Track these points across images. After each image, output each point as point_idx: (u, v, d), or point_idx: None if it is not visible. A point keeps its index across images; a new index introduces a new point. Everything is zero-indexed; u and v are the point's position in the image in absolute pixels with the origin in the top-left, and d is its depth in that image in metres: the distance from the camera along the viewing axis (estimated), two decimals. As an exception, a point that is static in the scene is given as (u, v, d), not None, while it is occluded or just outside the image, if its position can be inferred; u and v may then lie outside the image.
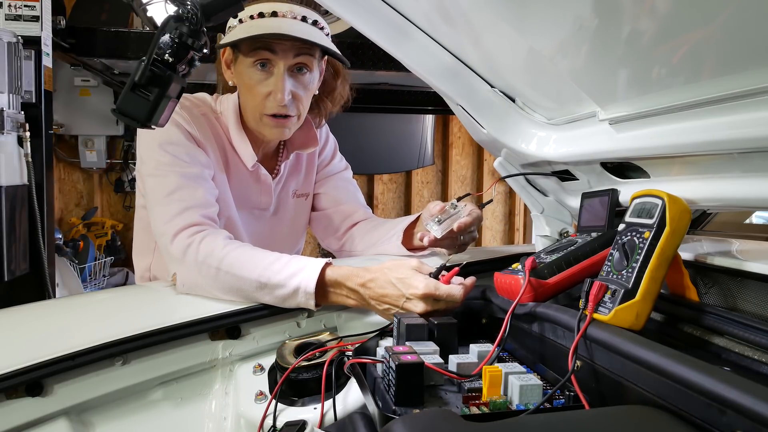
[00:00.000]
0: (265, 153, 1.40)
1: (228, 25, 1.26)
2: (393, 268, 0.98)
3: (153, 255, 1.40)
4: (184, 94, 1.28)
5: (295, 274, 1.01)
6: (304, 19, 1.21)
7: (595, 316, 0.70)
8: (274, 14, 1.19)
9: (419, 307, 0.93)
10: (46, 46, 2.39)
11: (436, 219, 1.03)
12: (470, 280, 0.97)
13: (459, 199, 1.06)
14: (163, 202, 1.15)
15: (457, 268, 0.97)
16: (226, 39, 1.24)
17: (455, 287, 0.94)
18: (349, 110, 1.49)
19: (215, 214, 1.19)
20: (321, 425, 0.83)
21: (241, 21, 1.21)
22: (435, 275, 0.96)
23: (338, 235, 1.51)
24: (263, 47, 1.19)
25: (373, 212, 1.53)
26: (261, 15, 1.19)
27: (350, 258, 1.40)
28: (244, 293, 1.04)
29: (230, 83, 1.31)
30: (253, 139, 1.33)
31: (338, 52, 1.25)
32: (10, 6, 2.28)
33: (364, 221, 1.48)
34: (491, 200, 1.12)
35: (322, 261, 1.03)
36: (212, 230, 1.12)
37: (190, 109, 1.25)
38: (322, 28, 1.24)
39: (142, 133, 1.22)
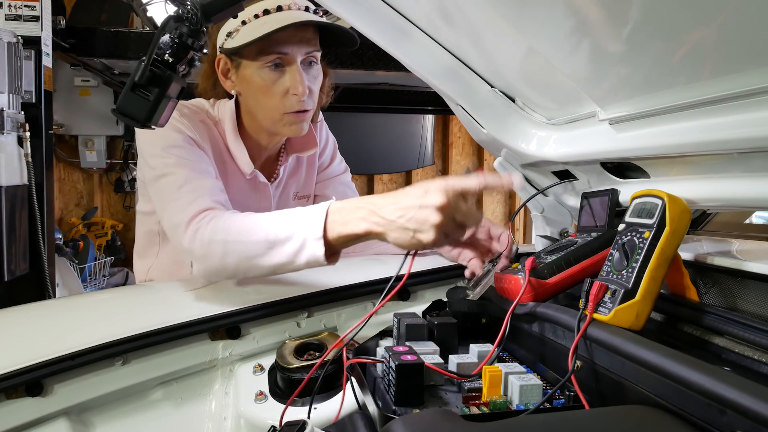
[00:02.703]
0: (266, 157, 1.39)
1: (229, 30, 1.20)
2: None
3: (155, 258, 1.39)
4: (181, 102, 1.26)
5: (301, 221, 0.95)
6: (307, 9, 1.19)
7: (595, 316, 0.70)
8: (279, 9, 1.16)
9: (438, 198, 0.83)
10: (46, 46, 2.39)
11: (471, 284, 0.96)
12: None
13: (491, 262, 0.97)
14: (173, 197, 1.11)
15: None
16: (234, 43, 1.17)
17: (494, 176, 0.86)
18: (349, 110, 1.49)
19: (226, 200, 1.15)
20: (338, 418, 0.83)
21: (244, 23, 1.17)
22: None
23: None
24: (276, 47, 1.15)
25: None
26: (266, 12, 1.15)
27: (348, 258, 1.40)
28: (255, 261, 0.98)
29: (232, 92, 1.27)
30: (252, 145, 1.31)
31: (353, 33, 1.20)
32: (10, 6, 2.28)
33: None
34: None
35: (327, 202, 0.96)
36: (219, 212, 1.08)
37: (190, 116, 1.23)
38: (321, 16, 1.21)
39: (143, 141, 1.19)
